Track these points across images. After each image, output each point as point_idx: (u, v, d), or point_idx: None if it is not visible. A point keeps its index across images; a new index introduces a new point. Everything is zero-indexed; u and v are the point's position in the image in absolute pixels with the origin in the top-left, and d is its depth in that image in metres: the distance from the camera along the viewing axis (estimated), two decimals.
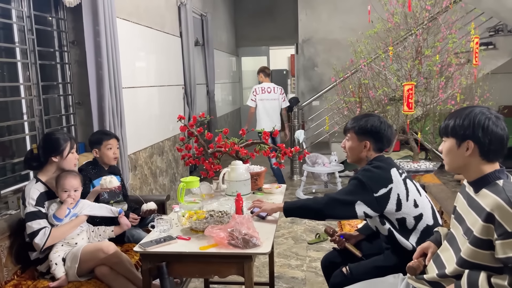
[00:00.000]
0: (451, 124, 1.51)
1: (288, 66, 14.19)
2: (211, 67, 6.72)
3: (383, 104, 4.57)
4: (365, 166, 1.98)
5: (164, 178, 4.79)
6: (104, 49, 3.09)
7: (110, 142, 2.67)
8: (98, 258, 2.14)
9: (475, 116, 1.46)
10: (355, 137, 2.02)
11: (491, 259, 1.38)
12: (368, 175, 1.91)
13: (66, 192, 2.21)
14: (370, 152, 2.01)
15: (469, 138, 1.46)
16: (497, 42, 5.78)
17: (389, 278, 1.82)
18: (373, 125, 1.99)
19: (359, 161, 2.06)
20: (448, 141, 1.53)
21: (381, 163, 1.95)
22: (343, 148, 2.12)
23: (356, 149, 2.03)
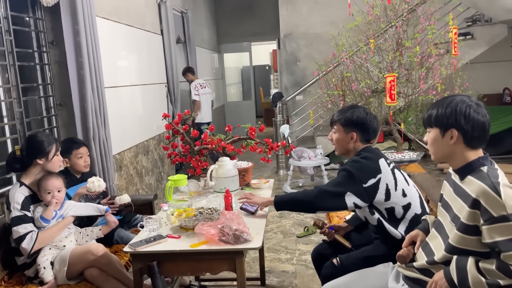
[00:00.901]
0: (433, 114, 1.53)
1: (271, 61, 14.20)
2: (194, 64, 6.68)
3: (366, 96, 4.61)
4: (354, 157, 1.99)
5: (150, 178, 4.75)
6: (84, 49, 3.04)
7: (80, 151, 2.60)
8: (88, 260, 2.11)
9: (456, 104, 1.48)
10: (342, 129, 2.04)
11: (478, 244, 1.41)
12: (357, 166, 1.93)
13: (50, 193, 2.17)
14: (357, 143, 2.03)
15: (452, 127, 1.48)
16: (475, 32, 5.88)
17: (379, 267, 1.85)
18: (359, 117, 2.01)
19: (347, 152, 2.08)
20: (432, 131, 1.55)
21: (369, 154, 1.98)
22: (330, 141, 2.13)
23: (343, 141, 2.05)
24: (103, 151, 3.27)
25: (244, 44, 10.19)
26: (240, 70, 12.40)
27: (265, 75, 13.70)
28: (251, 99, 10.69)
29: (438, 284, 1.47)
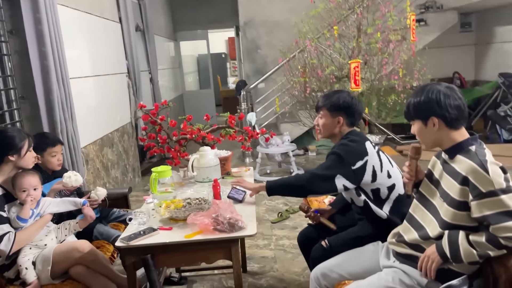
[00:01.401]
0: (411, 108, 1.62)
1: (227, 49, 14.11)
2: (153, 53, 6.52)
3: (330, 82, 4.71)
4: (342, 141, 2.04)
5: (116, 171, 4.62)
6: (47, 38, 2.89)
7: (55, 150, 2.48)
8: (73, 258, 2.04)
9: (428, 93, 1.57)
10: (328, 114, 2.08)
11: (468, 219, 1.50)
12: (345, 149, 1.97)
13: (25, 191, 2.07)
14: (343, 127, 2.08)
15: (431, 115, 1.56)
16: (428, 18, 6.13)
17: (369, 247, 1.92)
18: (345, 101, 2.05)
19: (333, 136, 2.12)
20: (415, 123, 1.63)
21: (356, 137, 2.03)
22: (316, 126, 2.17)
23: (329, 125, 2.09)
24: (71, 145, 3.14)
25: (201, 32, 10.02)
26: (196, 58, 12.21)
27: (222, 63, 13.60)
28: (210, 88, 10.56)
29: (431, 258, 1.56)
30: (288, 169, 5.33)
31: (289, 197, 4.49)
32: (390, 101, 4.50)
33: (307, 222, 2.42)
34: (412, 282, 1.63)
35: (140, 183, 5.50)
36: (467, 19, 7.09)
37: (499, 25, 6.55)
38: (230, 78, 14.13)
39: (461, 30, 7.11)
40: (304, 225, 3.72)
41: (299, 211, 4.04)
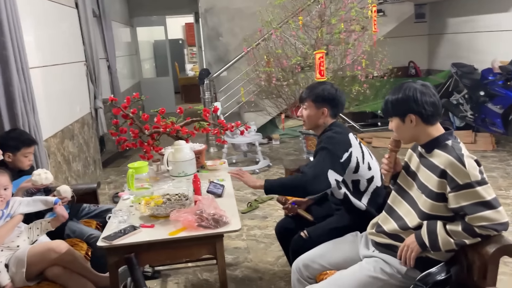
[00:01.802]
0: (389, 106, 1.68)
1: (184, 35, 13.83)
2: (110, 40, 6.28)
3: (296, 73, 4.76)
4: (326, 133, 2.06)
5: (77, 164, 4.46)
6: (6, 26, 2.72)
7: (29, 150, 2.37)
8: (50, 259, 1.97)
9: (405, 91, 1.64)
10: (313, 105, 2.10)
11: (445, 209, 1.59)
12: (332, 142, 1.99)
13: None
14: (327, 118, 2.11)
15: (408, 112, 1.63)
16: (386, 9, 6.30)
17: (348, 237, 1.99)
18: (330, 92, 2.09)
19: (316, 127, 2.16)
20: (394, 120, 1.70)
21: (339, 128, 2.07)
22: (300, 117, 2.19)
23: (314, 117, 2.12)
24: None
25: (158, 18, 9.76)
26: (152, 44, 11.89)
27: (179, 50, 13.32)
28: (168, 75, 10.34)
29: (410, 247, 1.64)
30: (254, 159, 5.37)
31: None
32: (354, 91, 4.61)
33: (285, 213, 2.46)
34: (392, 271, 1.71)
35: (102, 176, 5.34)
36: (421, 10, 7.36)
37: (451, 16, 6.85)
38: (188, 65, 13.90)
39: (416, 21, 7.37)
40: (274, 215, 3.82)
41: (268, 201, 4.11)
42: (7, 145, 2.29)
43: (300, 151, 5.78)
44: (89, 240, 2.41)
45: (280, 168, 5.11)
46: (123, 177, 5.27)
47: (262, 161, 5.11)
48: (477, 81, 5.40)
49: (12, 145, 2.28)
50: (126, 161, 6.00)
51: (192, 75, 12.41)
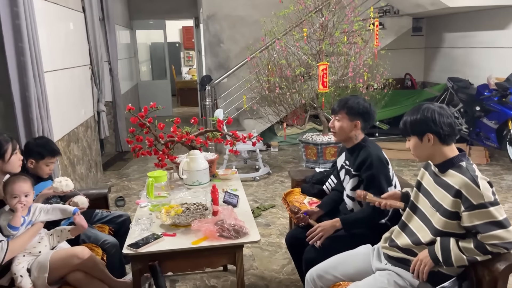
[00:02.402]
0: (408, 125, 1.78)
1: (180, 38, 13.88)
2: (113, 43, 6.32)
3: (299, 83, 4.86)
4: (371, 158, 2.14)
5: (81, 167, 4.50)
6: (24, 33, 2.78)
7: (52, 160, 2.41)
8: (72, 264, 2.02)
9: (424, 112, 1.74)
10: (347, 117, 2.19)
11: (458, 227, 1.69)
12: (383, 166, 2.12)
13: (16, 198, 2.01)
14: (358, 131, 2.21)
15: (427, 132, 1.73)
16: (385, 22, 6.45)
17: (360, 249, 2.08)
18: (364, 106, 2.19)
19: (347, 140, 2.25)
20: (411, 139, 1.79)
21: (373, 145, 2.20)
22: (331, 128, 2.28)
23: (347, 128, 2.21)
24: None
25: (158, 21, 9.79)
26: (149, 47, 11.91)
27: (176, 53, 13.37)
28: (166, 78, 10.37)
29: (423, 261, 1.74)
30: (253, 165, 5.45)
31: (258, 195, 4.63)
32: None
33: (295, 224, 2.54)
34: (405, 284, 1.80)
35: (103, 179, 5.37)
36: (418, 24, 7.53)
37: (447, 31, 7.02)
38: (184, 67, 13.95)
39: (413, 34, 7.53)
40: (276, 223, 3.90)
41: (270, 208, 4.20)
42: (32, 151, 2.34)
43: (299, 159, 5.87)
44: (103, 246, 2.45)
45: (280, 176, 5.20)
46: (124, 180, 5.31)
47: (262, 169, 5.19)
48: (472, 96, 5.55)
49: (37, 152, 2.33)
50: (126, 164, 6.04)
51: (189, 79, 12.45)
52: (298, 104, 5.22)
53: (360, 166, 2.16)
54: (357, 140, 2.25)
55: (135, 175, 5.55)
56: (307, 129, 6.65)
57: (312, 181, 3.10)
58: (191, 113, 10.11)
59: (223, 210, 2.00)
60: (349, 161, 2.29)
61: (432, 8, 5.72)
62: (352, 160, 2.26)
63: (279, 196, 4.55)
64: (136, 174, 5.59)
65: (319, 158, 5.22)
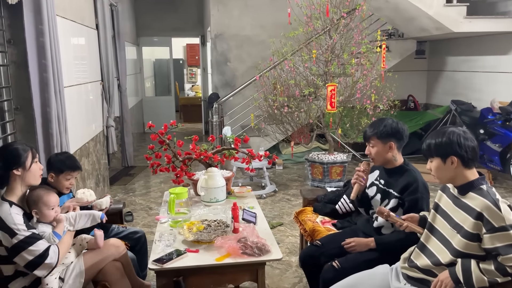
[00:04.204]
0: (432, 147, 1.84)
1: (184, 55, 14.04)
2: (123, 60, 6.42)
3: (307, 103, 4.95)
4: (418, 180, 2.21)
5: (91, 181, 4.53)
6: (48, 50, 2.84)
7: (73, 174, 2.46)
8: (108, 254, 2.13)
9: (449, 135, 1.80)
10: (379, 142, 2.25)
11: (478, 249, 1.74)
12: (426, 190, 2.20)
13: (53, 209, 2.08)
14: (394, 151, 2.26)
15: (451, 154, 1.79)
16: (390, 45, 6.58)
17: (379, 269, 2.11)
18: (392, 127, 2.24)
19: (386, 162, 2.30)
20: (434, 161, 1.85)
21: (414, 168, 2.27)
22: (368, 155, 2.33)
23: (382, 152, 2.26)
24: None
25: (164, 39, 9.95)
26: (153, 63, 12.05)
27: (179, 70, 13.51)
28: (170, 95, 10.48)
29: (444, 282, 1.77)
30: (259, 183, 5.49)
31: (266, 212, 4.65)
32: (363, 124, 4.81)
33: (310, 242, 2.58)
34: None
35: (110, 193, 5.38)
36: (422, 47, 7.67)
37: (450, 55, 7.17)
38: (186, 84, 14.07)
39: (416, 57, 7.68)
40: (285, 241, 3.92)
41: (278, 226, 4.22)
42: (53, 165, 2.39)
43: (304, 177, 5.92)
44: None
45: (286, 194, 5.24)
46: (130, 195, 5.34)
47: (269, 186, 5.23)
48: (476, 119, 5.65)
49: (57, 167, 2.37)
50: (131, 179, 6.07)
51: (192, 95, 12.56)
52: (305, 123, 5.29)
53: (405, 189, 2.20)
54: (397, 161, 2.29)
55: (142, 190, 5.58)
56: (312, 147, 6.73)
57: (324, 200, 3.15)
58: (194, 130, 10.19)
59: (245, 227, 2.04)
60: (387, 182, 2.33)
61: (436, 33, 5.86)
62: (392, 181, 2.30)
63: (287, 214, 4.59)
64: (143, 189, 5.62)
65: (325, 177, 5.27)
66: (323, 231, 2.73)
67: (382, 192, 2.31)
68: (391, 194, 2.26)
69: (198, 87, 12.94)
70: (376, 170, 2.46)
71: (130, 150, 6.60)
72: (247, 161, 2.81)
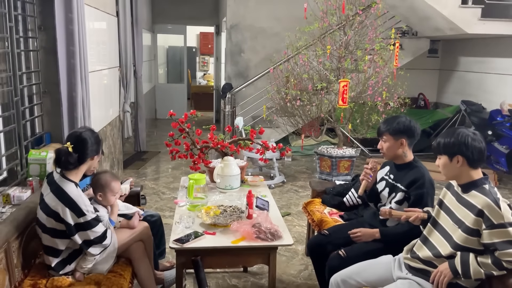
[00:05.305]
0: (441, 145, 1.95)
1: (197, 43, 14.13)
2: (140, 46, 6.54)
3: (320, 97, 5.06)
4: (425, 175, 2.32)
5: (106, 164, 4.69)
6: (76, 37, 2.98)
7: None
8: (139, 234, 2.32)
9: (458, 136, 1.91)
10: (391, 138, 2.37)
11: (477, 243, 1.86)
12: (432, 186, 2.31)
13: (115, 195, 2.24)
14: (405, 147, 2.38)
15: (458, 154, 1.91)
16: (403, 43, 6.65)
17: (382, 259, 2.25)
18: (405, 124, 2.36)
19: (396, 157, 2.42)
20: (442, 158, 1.97)
21: (421, 165, 2.37)
22: (380, 149, 2.46)
23: (393, 147, 2.38)
24: None
25: (179, 27, 10.04)
26: (166, 50, 12.16)
27: (192, 58, 13.61)
28: (183, 82, 10.60)
29: (443, 273, 1.91)
30: (268, 173, 5.63)
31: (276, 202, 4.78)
32: (373, 120, 4.91)
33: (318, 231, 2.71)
34: None
35: (123, 176, 5.56)
36: (434, 46, 7.72)
37: (462, 55, 7.21)
38: (198, 72, 14.18)
39: (428, 55, 7.72)
40: (292, 230, 4.07)
41: (285, 216, 4.36)
42: None
43: (312, 170, 6.05)
44: None
45: (294, 185, 5.38)
46: (143, 179, 5.51)
47: (278, 177, 5.37)
48: (485, 120, 5.73)
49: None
50: (144, 164, 6.24)
51: (204, 84, 12.67)
52: (316, 117, 5.40)
53: (411, 184, 2.32)
54: (406, 157, 2.41)
55: (154, 175, 5.75)
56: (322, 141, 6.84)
57: (333, 192, 3.28)
58: (204, 118, 10.32)
59: (259, 214, 2.18)
60: (396, 176, 2.45)
61: (450, 33, 5.92)
62: (400, 176, 2.42)
63: (294, 204, 4.74)
64: (155, 174, 5.79)
65: (333, 171, 5.39)
66: (331, 222, 2.87)
67: (390, 186, 2.44)
68: (398, 188, 2.38)
69: (210, 75, 13.05)
70: (387, 166, 2.58)
71: (143, 135, 6.76)
72: (261, 152, 2.93)
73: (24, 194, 2.43)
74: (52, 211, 2.05)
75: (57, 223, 2.06)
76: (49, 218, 2.06)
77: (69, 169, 2.12)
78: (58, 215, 2.04)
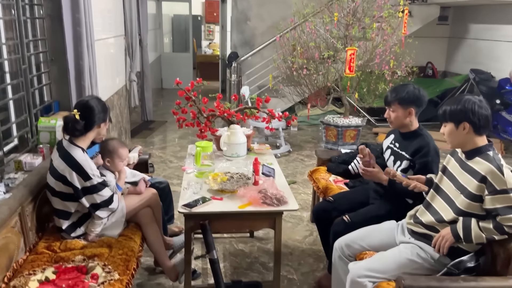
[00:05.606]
0: (447, 112, 1.95)
1: (202, 12, 13.91)
2: (145, 15, 6.46)
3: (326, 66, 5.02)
4: (430, 144, 2.32)
5: (114, 133, 4.74)
6: (81, 4, 2.97)
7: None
8: (147, 200, 2.38)
9: (465, 102, 1.91)
10: (400, 107, 2.35)
11: (479, 209, 1.90)
12: (435, 152, 2.31)
13: (123, 161, 2.29)
14: (412, 117, 2.37)
15: (464, 120, 1.91)
16: (413, 10, 6.49)
17: (386, 224, 2.30)
18: (414, 94, 2.34)
19: (402, 126, 2.42)
20: (448, 125, 1.97)
21: (427, 133, 2.37)
22: (387, 118, 2.44)
23: (402, 117, 2.37)
24: None
25: None
26: (171, 19, 11.99)
27: (197, 26, 13.43)
28: (188, 51, 10.51)
29: (445, 237, 1.95)
30: (274, 143, 5.66)
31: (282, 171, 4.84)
32: (380, 89, 4.88)
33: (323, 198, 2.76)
34: (426, 256, 2.02)
35: (131, 145, 5.61)
36: (445, 13, 7.55)
37: (473, 22, 7.06)
38: (204, 41, 14.03)
39: (438, 23, 7.57)
40: (297, 198, 4.13)
41: (291, 184, 4.42)
42: None
43: (318, 139, 6.08)
44: None
45: (300, 155, 5.42)
46: (151, 148, 5.57)
47: (283, 146, 5.40)
48: (493, 89, 5.67)
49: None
50: (151, 133, 6.30)
51: (209, 53, 12.55)
52: (322, 86, 5.37)
53: (416, 152, 2.33)
54: (412, 126, 2.41)
55: (161, 144, 5.81)
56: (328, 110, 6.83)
57: (338, 161, 3.30)
58: (210, 87, 10.28)
59: (265, 180, 2.22)
60: (401, 145, 2.45)
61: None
62: (405, 144, 2.42)
63: (300, 173, 4.79)
64: (162, 143, 5.85)
65: (338, 140, 5.41)
66: (336, 189, 2.92)
67: (395, 154, 2.46)
68: (403, 156, 2.40)
69: (216, 44, 12.90)
70: (391, 135, 2.59)
71: (149, 104, 6.78)
72: (267, 121, 2.95)
73: (35, 160, 2.49)
74: (60, 175, 2.11)
75: (65, 187, 2.13)
76: (58, 182, 2.13)
77: (76, 135, 2.16)
78: (65, 178, 2.10)
